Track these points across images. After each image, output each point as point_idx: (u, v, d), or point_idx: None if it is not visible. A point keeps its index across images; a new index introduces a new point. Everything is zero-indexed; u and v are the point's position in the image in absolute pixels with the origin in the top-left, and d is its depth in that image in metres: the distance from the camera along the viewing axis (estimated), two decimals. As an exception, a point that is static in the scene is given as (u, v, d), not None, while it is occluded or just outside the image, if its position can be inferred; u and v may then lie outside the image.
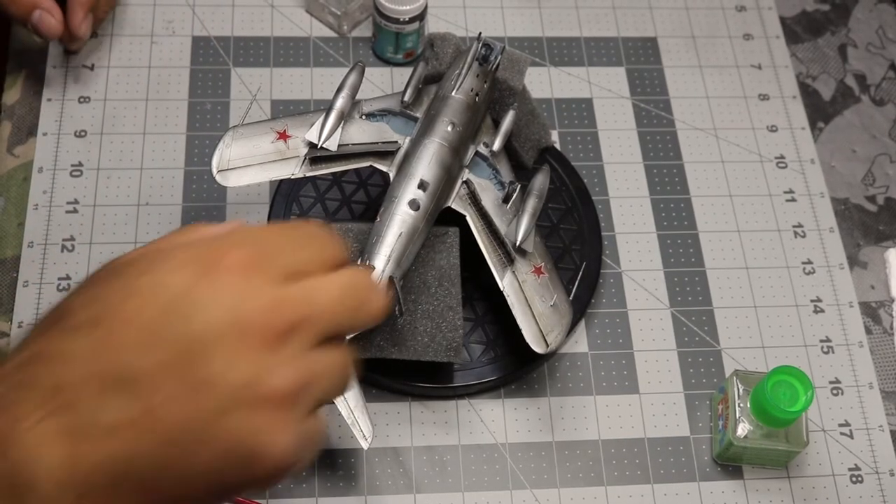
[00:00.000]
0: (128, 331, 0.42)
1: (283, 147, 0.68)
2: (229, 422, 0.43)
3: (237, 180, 0.67)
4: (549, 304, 0.68)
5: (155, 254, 0.45)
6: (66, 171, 0.78)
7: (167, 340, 0.42)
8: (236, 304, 0.43)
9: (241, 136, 0.68)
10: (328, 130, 0.68)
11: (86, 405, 0.41)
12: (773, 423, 0.66)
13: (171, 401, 0.42)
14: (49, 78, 0.82)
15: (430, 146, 0.67)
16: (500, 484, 0.69)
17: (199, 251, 0.45)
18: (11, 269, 0.74)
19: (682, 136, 0.84)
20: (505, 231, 0.69)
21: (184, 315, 0.43)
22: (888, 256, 0.80)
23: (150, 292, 0.43)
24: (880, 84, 0.88)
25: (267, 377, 0.43)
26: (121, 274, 0.44)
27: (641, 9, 0.91)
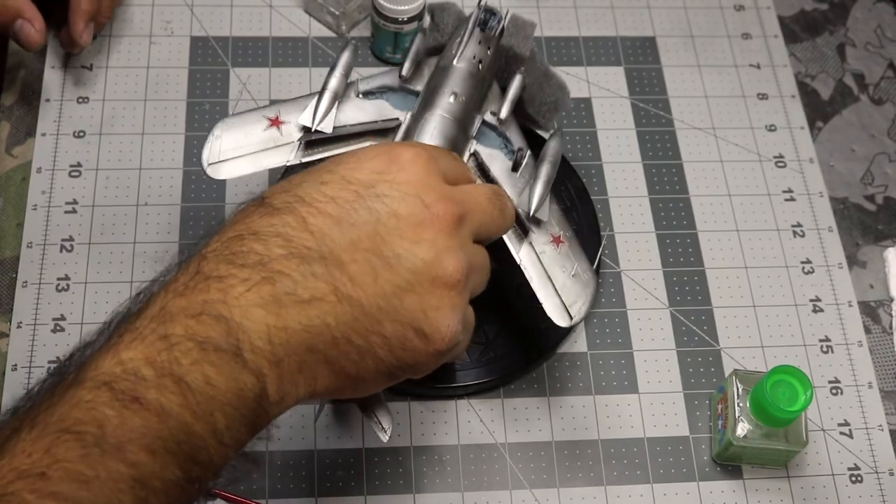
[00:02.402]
0: (323, 213, 0.49)
1: (277, 134, 0.66)
2: (410, 297, 0.49)
3: (230, 172, 0.65)
4: (571, 274, 0.65)
5: (339, 158, 0.52)
6: (65, 172, 0.78)
7: (358, 223, 0.49)
8: (417, 192, 0.50)
9: (232, 126, 0.66)
10: (322, 112, 0.65)
11: (286, 279, 0.47)
12: (772, 423, 0.66)
13: (362, 276, 0.48)
14: (48, 78, 0.82)
15: (431, 120, 0.64)
16: (500, 484, 0.69)
17: (378, 151, 0.51)
18: (10, 269, 0.74)
19: (680, 136, 0.84)
20: (517, 201, 0.66)
21: (372, 201, 0.49)
22: (887, 256, 0.80)
23: (342, 180, 0.50)
24: (879, 83, 0.88)
25: (443, 259, 0.50)
26: (312, 171, 0.51)
27: (640, 8, 0.91)
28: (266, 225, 0.48)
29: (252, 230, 0.48)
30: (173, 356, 0.44)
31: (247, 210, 0.50)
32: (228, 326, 0.45)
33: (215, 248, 0.48)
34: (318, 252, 0.48)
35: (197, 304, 0.46)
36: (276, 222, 0.48)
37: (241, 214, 0.50)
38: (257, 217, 0.49)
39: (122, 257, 0.74)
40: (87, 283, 0.73)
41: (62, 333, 0.71)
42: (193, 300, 0.46)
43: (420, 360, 0.51)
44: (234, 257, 0.47)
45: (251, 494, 0.67)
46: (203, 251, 0.48)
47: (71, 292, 0.73)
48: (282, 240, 0.48)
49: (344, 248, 0.48)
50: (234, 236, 0.48)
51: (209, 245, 0.48)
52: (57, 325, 0.71)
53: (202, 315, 0.45)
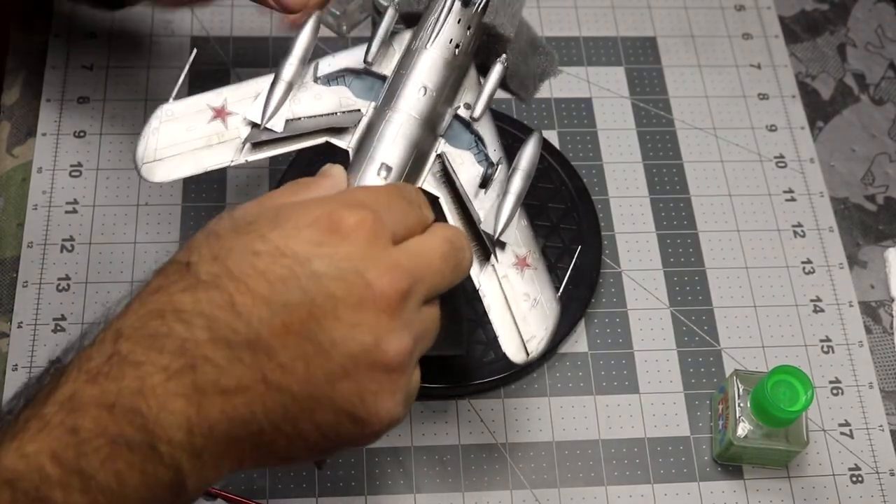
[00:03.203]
0: (252, 292, 0.44)
1: (221, 128, 0.57)
2: (346, 384, 0.45)
3: (167, 174, 0.56)
4: (533, 305, 0.58)
5: (274, 215, 0.46)
6: (66, 172, 0.78)
7: (291, 305, 0.44)
8: (358, 268, 0.45)
9: (172, 116, 0.57)
10: (273, 106, 0.57)
11: (210, 366, 0.43)
12: (773, 423, 0.66)
13: (293, 363, 0.44)
14: (48, 78, 0.81)
15: (394, 120, 0.56)
16: (500, 484, 0.69)
17: (318, 214, 0.46)
18: (11, 269, 0.74)
19: (681, 136, 0.84)
20: (482, 221, 0.58)
21: (307, 280, 0.44)
22: (888, 256, 0.80)
23: (276, 252, 0.45)
24: (879, 83, 0.88)
25: (384, 343, 0.45)
26: (242, 232, 0.46)
27: (640, 8, 0.91)
28: (190, 302, 0.44)
29: (174, 307, 0.44)
30: (82, 452, 0.41)
31: (169, 275, 0.45)
32: (144, 420, 0.42)
33: (133, 324, 0.44)
34: (246, 336, 0.43)
35: (110, 394, 0.42)
36: (202, 298, 0.44)
37: (163, 278, 0.45)
38: (180, 290, 0.44)
39: (123, 257, 0.74)
40: (87, 283, 0.73)
41: (62, 333, 0.71)
42: (107, 389, 0.42)
43: (356, 441, 0.48)
44: (154, 340, 0.43)
45: (251, 494, 0.67)
46: (120, 324, 0.44)
47: (71, 292, 0.73)
48: (206, 321, 0.43)
49: (274, 333, 0.44)
50: (155, 311, 0.44)
51: (128, 315, 0.44)
52: (57, 325, 0.71)
53: (115, 407, 0.42)
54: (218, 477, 0.45)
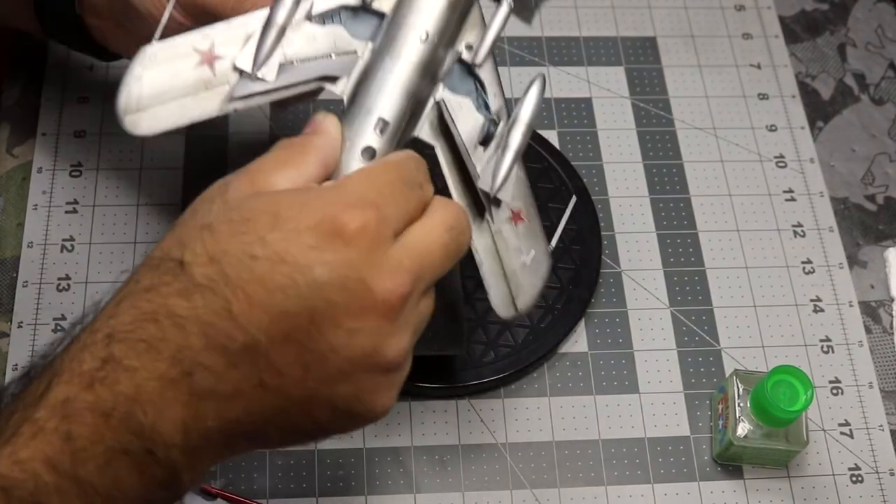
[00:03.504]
0: (248, 301, 0.43)
1: (209, 73, 0.51)
2: (343, 385, 0.45)
3: (152, 125, 0.51)
4: (524, 260, 0.57)
5: (273, 212, 0.44)
6: (66, 172, 0.78)
7: (290, 313, 0.43)
8: (360, 278, 0.44)
9: (156, 61, 0.51)
10: (265, 54, 0.51)
11: (206, 372, 0.43)
12: (773, 423, 0.66)
13: (290, 368, 0.43)
14: (48, 78, 0.81)
15: (393, 70, 0.52)
16: (500, 484, 0.69)
17: (319, 217, 0.44)
18: (11, 269, 0.74)
19: (681, 136, 0.84)
20: (480, 176, 0.55)
21: (307, 289, 0.43)
22: (888, 256, 0.80)
23: (272, 262, 0.43)
24: (879, 83, 0.88)
25: (384, 347, 0.45)
26: (238, 230, 0.44)
27: (640, 8, 0.91)
28: (185, 307, 0.43)
29: (169, 311, 0.43)
30: (78, 458, 0.41)
31: (161, 273, 0.44)
32: (141, 427, 0.42)
33: (126, 326, 0.43)
34: (243, 343, 0.43)
35: (106, 401, 0.41)
36: (198, 304, 0.43)
37: (155, 276, 0.44)
38: (175, 293, 0.43)
39: (123, 257, 0.74)
40: (87, 283, 0.73)
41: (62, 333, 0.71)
42: (102, 395, 0.42)
43: (349, 430, 0.48)
44: (149, 346, 0.42)
45: (251, 494, 0.67)
46: (112, 325, 0.43)
47: (71, 292, 0.73)
48: (203, 327, 0.42)
49: (273, 340, 0.43)
50: (149, 314, 0.43)
51: (119, 315, 0.43)
52: (57, 325, 0.71)
53: (111, 415, 0.41)
54: (211, 465, 0.46)
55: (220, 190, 0.46)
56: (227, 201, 0.45)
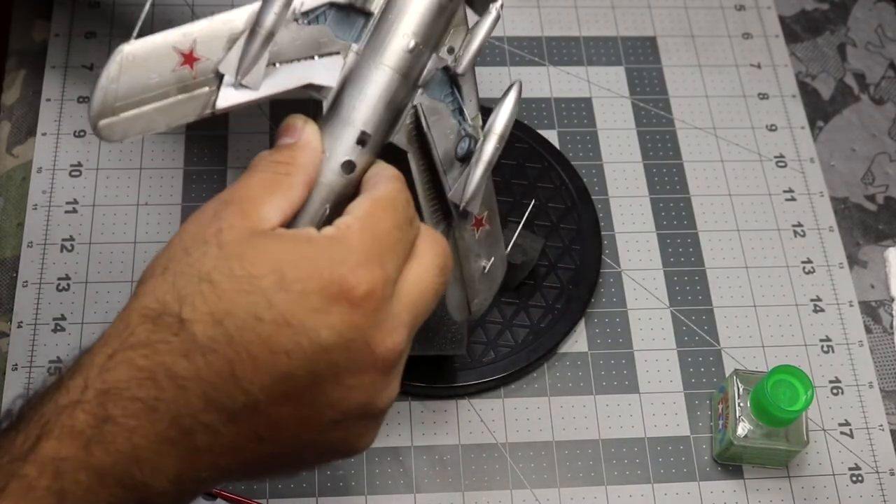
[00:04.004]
0: (252, 363, 0.42)
1: (189, 75, 0.47)
2: (335, 433, 0.46)
3: (125, 131, 0.46)
4: (482, 265, 0.57)
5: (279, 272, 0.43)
6: (66, 171, 0.77)
7: (293, 375, 0.43)
8: (363, 340, 0.44)
9: (133, 62, 0.46)
10: (249, 60, 0.48)
11: (203, 433, 0.42)
12: (773, 423, 0.66)
13: (287, 422, 0.44)
14: (48, 78, 0.81)
15: (377, 80, 0.50)
16: (500, 484, 0.69)
17: (327, 280, 0.43)
18: (11, 268, 0.74)
19: (681, 136, 0.84)
20: (451, 190, 0.55)
21: (311, 352, 0.43)
22: (888, 255, 0.80)
23: (278, 325, 0.42)
24: (880, 83, 0.88)
25: (377, 400, 0.46)
26: (243, 290, 0.43)
27: (640, 8, 0.90)
28: (186, 367, 0.42)
29: (168, 370, 0.42)
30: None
31: (158, 328, 0.42)
32: (134, 482, 0.42)
33: (122, 384, 0.41)
34: (244, 402, 0.42)
35: (102, 462, 0.41)
36: (200, 365, 0.42)
37: (151, 332, 0.42)
38: (175, 352, 0.42)
39: (123, 257, 0.74)
40: (87, 283, 0.73)
41: (62, 333, 0.71)
42: (97, 455, 0.41)
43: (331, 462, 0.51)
44: (148, 408, 0.41)
45: (251, 494, 0.67)
46: (106, 381, 0.41)
47: (71, 292, 0.73)
48: (203, 387, 0.42)
49: (273, 398, 0.43)
50: (146, 372, 0.42)
51: (113, 369, 0.42)
52: (57, 324, 0.71)
53: (106, 475, 0.41)
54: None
55: (214, 230, 0.45)
56: (223, 245, 0.44)
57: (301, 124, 0.49)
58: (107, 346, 0.43)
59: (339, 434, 0.46)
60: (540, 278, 0.75)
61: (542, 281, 0.75)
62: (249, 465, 0.45)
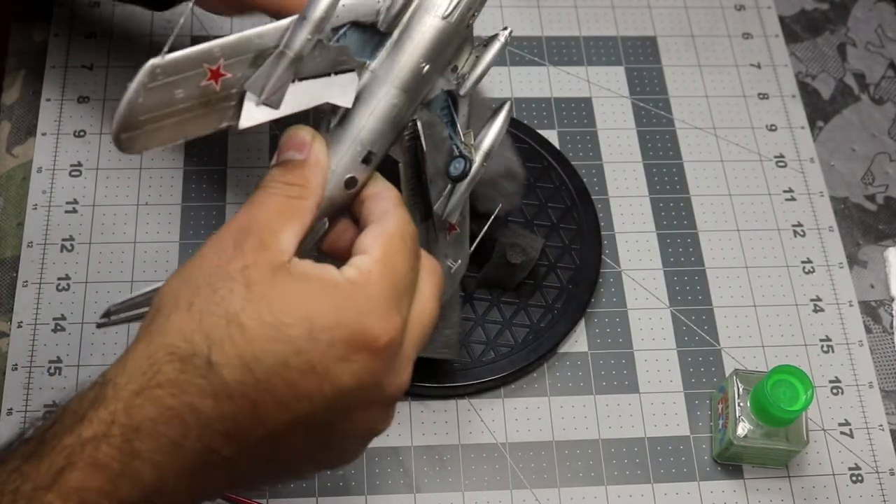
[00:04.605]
0: (276, 404, 0.44)
1: (213, 90, 0.47)
2: (336, 454, 0.50)
3: (146, 144, 0.47)
4: (450, 265, 0.60)
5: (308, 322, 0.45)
6: (66, 171, 0.77)
7: (312, 415, 0.45)
8: (378, 384, 0.47)
9: (162, 77, 0.46)
10: (275, 81, 0.48)
11: (223, 466, 0.45)
12: (773, 423, 0.66)
13: (301, 448, 0.47)
14: (48, 78, 0.81)
15: (389, 102, 0.51)
16: (500, 484, 0.69)
17: (352, 330, 0.45)
18: (11, 268, 0.74)
19: (681, 136, 0.84)
20: (437, 203, 0.57)
21: (332, 395, 0.45)
22: (888, 255, 0.80)
23: (304, 372, 0.44)
24: (880, 83, 0.88)
25: (379, 427, 0.50)
26: (272, 339, 0.44)
27: (640, 8, 0.91)
28: (213, 409, 0.43)
29: (195, 409, 0.43)
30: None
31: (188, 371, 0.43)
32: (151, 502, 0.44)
33: (150, 422, 0.43)
34: (263, 435, 0.45)
35: (129, 494, 0.42)
36: (225, 407, 0.43)
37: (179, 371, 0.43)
38: (203, 393, 0.43)
39: (123, 257, 0.74)
40: (87, 283, 0.73)
41: (62, 333, 0.71)
42: (124, 488, 0.42)
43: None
44: (174, 444, 0.43)
45: (251, 494, 0.67)
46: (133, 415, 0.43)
47: (71, 292, 0.73)
48: (228, 425, 0.44)
49: (290, 433, 0.46)
50: (174, 413, 0.43)
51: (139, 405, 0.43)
52: (57, 324, 0.71)
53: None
54: None
55: (239, 266, 0.45)
56: (250, 286, 0.45)
57: (309, 139, 0.50)
58: (132, 382, 0.43)
59: (337, 455, 0.50)
60: (540, 278, 0.75)
61: (542, 281, 0.75)
62: (256, 483, 0.49)
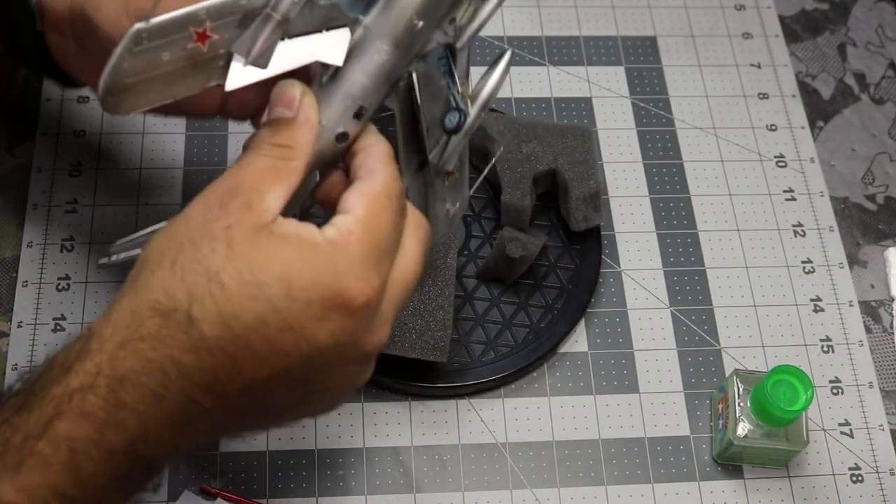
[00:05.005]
0: (254, 358, 0.46)
1: (201, 51, 0.47)
2: (317, 402, 0.51)
3: (133, 105, 0.47)
4: (449, 209, 0.59)
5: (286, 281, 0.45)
6: (66, 171, 0.77)
7: (290, 370, 0.46)
8: (356, 342, 0.48)
9: (148, 41, 0.45)
10: (262, 44, 0.47)
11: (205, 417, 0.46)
12: (773, 423, 0.66)
13: (279, 401, 0.49)
14: (48, 78, 0.81)
15: (383, 59, 0.50)
16: (500, 484, 0.69)
17: (330, 292, 0.46)
18: (11, 268, 0.74)
19: (681, 135, 0.84)
20: (432, 152, 0.56)
21: (308, 352, 0.46)
22: (888, 255, 0.80)
23: (281, 330, 0.45)
24: (880, 83, 0.88)
25: (357, 382, 0.51)
26: (251, 296, 0.45)
27: (640, 7, 0.90)
28: (193, 362, 0.45)
29: (177, 363, 0.45)
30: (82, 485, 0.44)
31: (170, 326, 0.45)
32: (140, 457, 0.46)
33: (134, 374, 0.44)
34: (244, 386, 0.46)
35: (115, 442, 0.44)
36: (205, 361, 0.45)
37: (161, 325, 0.45)
38: (184, 348, 0.45)
39: (123, 257, 0.74)
40: (87, 283, 0.73)
41: (62, 333, 0.71)
42: (110, 436, 0.44)
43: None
44: (157, 396, 0.45)
45: (251, 494, 0.67)
46: (117, 367, 0.44)
47: (71, 292, 0.73)
48: (208, 377, 0.45)
49: (268, 386, 0.47)
50: (157, 365, 0.44)
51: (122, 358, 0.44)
52: (57, 324, 0.71)
53: (117, 452, 0.45)
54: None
55: (222, 226, 0.46)
56: (231, 244, 0.46)
57: (298, 95, 0.50)
58: (116, 334, 0.45)
59: (319, 402, 0.51)
60: (540, 278, 0.75)
61: (542, 281, 0.75)
62: (238, 431, 0.52)
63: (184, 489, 0.66)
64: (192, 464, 0.67)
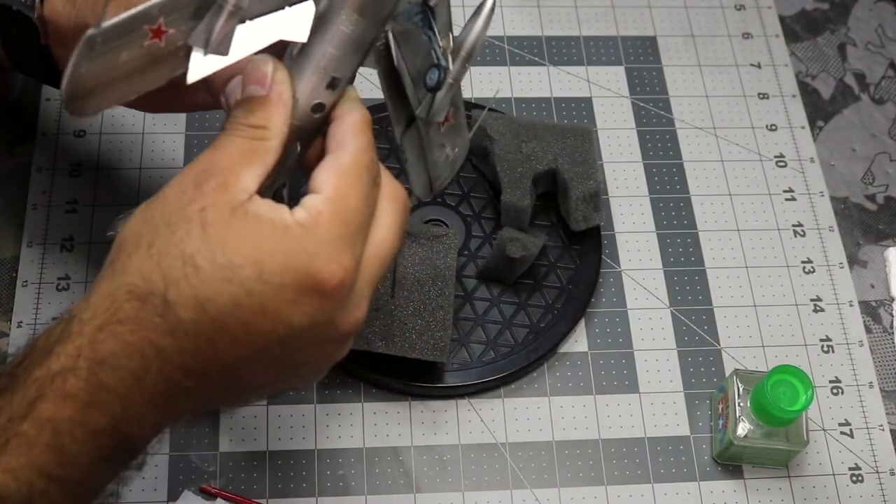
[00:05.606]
0: (231, 340, 0.46)
1: (159, 47, 0.46)
2: (295, 377, 0.52)
3: (98, 106, 0.47)
4: (445, 154, 0.59)
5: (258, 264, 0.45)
6: (66, 171, 0.77)
7: (266, 349, 0.47)
8: (331, 322, 0.48)
9: (102, 45, 0.44)
10: (218, 33, 0.46)
11: (185, 392, 0.47)
12: (773, 423, 0.66)
13: (254, 378, 0.49)
14: (48, 78, 0.81)
15: (350, 25, 0.49)
16: (500, 484, 0.69)
17: (302, 273, 0.46)
18: (10, 268, 0.74)
19: (681, 135, 0.84)
20: (419, 107, 0.55)
21: (284, 334, 0.47)
22: (888, 255, 0.80)
23: (255, 313, 0.46)
24: (880, 83, 0.88)
25: (334, 358, 0.51)
26: (225, 279, 0.45)
27: (640, 7, 0.90)
28: (171, 344, 0.45)
29: (154, 345, 0.45)
30: (67, 465, 0.45)
31: (147, 309, 0.45)
32: (123, 435, 0.46)
33: (113, 356, 0.45)
34: (222, 366, 0.47)
35: (97, 422, 0.45)
36: (183, 343, 0.45)
37: (137, 309, 0.45)
38: (161, 331, 0.45)
39: (123, 257, 0.74)
40: (87, 283, 0.73)
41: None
42: (93, 416, 0.45)
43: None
44: (136, 377, 0.45)
45: (251, 494, 0.67)
46: (97, 349, 0.45)
47: (71, 292, 0.73)
48: (186, 359, 0.46)
49: (245, 366, 0.47)
50: (135, 348, 0.45)
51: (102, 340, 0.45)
52: (57, 324, 0.71)
53: (101, 432, 0.45)
54: None
55: (197, 208, 0.46)
56: (206, 226, 0.46)
57: (270, 70, 0.49)
58: (95, 317, 0.45)
59: (298, 377, 0.52)
60: (540, 278, 0.75)
61: (541, 281, 0.75)
62: (221, 405, 0.55)
63: (184, 489, 0.66)
64: (192, 464, 0.67)
